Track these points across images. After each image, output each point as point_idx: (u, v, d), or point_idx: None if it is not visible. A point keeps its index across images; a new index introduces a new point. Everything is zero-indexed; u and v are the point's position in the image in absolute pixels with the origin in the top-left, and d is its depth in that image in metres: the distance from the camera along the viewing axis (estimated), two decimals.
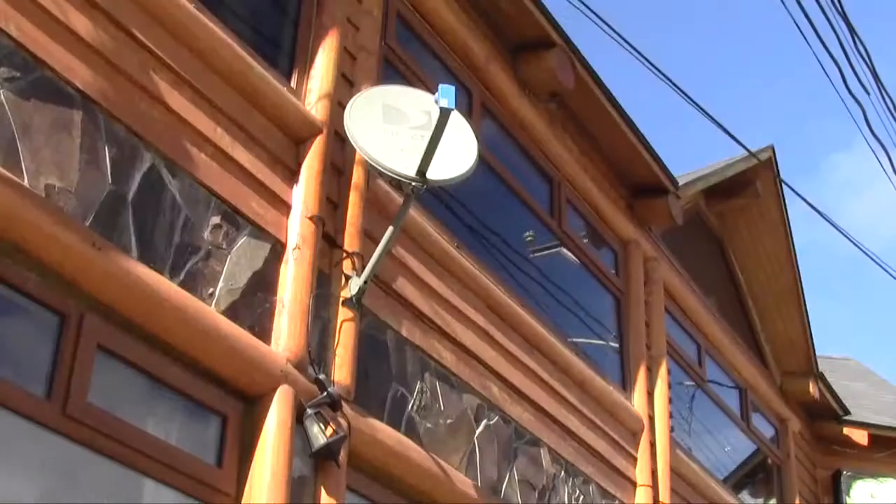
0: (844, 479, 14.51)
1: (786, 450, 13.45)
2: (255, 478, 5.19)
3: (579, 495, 8.21)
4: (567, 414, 8.28)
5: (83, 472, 4.66)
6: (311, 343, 5.69)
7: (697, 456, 10.93)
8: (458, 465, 6.81)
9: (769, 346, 13.66)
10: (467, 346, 7.17)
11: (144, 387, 4.96)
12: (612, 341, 9.69)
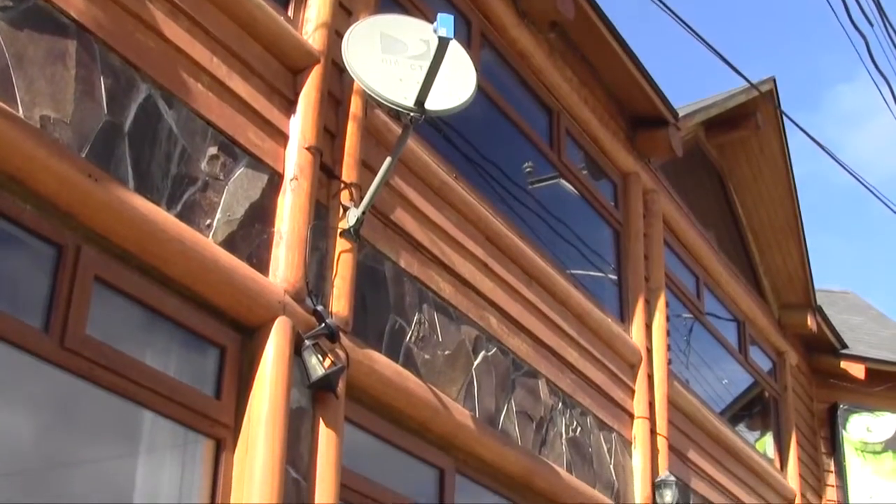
0: (841, 412, 14.59)
1: (783, 383, 13.51)
2: (254, 409, 5.21)
3: (577, 427, 8.25)
4: (565, 346, 8.30)
5: (81, 404, 4.67)
6: (308, 274, 5.68)
7: (695, 388, 10.97)
8: (456, 397, 6.83)
9: (768, 279, 13.68)
10: (465, 278, 7.17)
11: (142, 318, 4.96)
12: (610, 273, 9.69)
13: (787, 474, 12.94)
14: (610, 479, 8.60)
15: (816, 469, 14.27)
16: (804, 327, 13.73)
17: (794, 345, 14.00)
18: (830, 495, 14.33)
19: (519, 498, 7.51)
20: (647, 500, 8.96)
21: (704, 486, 10.53)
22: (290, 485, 5.28)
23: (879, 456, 14.62)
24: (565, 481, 7.77)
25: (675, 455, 9.86)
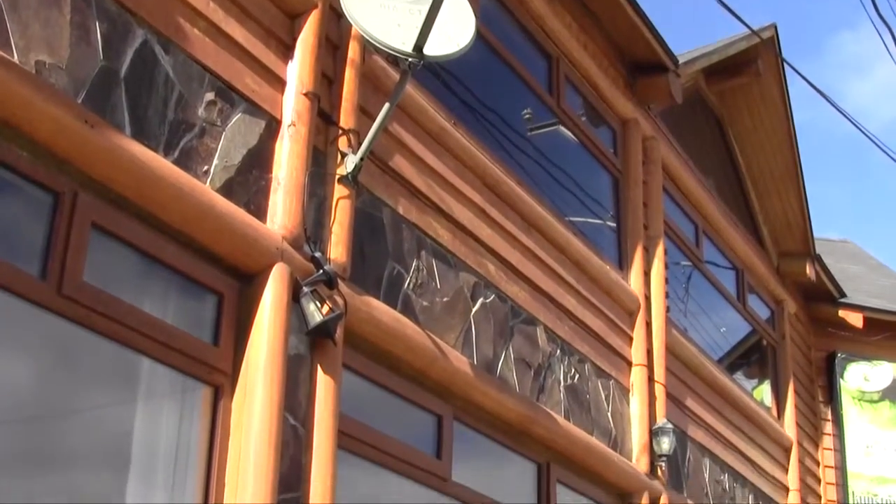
0: (839, 361, 14.63)
1: (781, 331, 13.53)
2: (252, 356, 5.21)
3: (575, 374, 8.27)
4: (563, 293, 8.30)
5: (79, 351, 4.67)
6: (306, 221, 5.66)
7: (693, 336, 10.99)
8: (454, 344, 6.84)
9: (767, 227, 13.66)
10: (464, 224, 7.15)
11: (140, 265, 4.94)
12: (609, 221, 9.67)
13: (785, 422, 12.99)
14: (607, 426, 8.63)
15: (814, 417, 14.33)
16: (803, 276, 13.74)
17: (793, 293, 14.01)
18: (827, 443, 14.40)
19: (517, 445, 7.54)
20: (645, 447, 9.00)
21: (702, 434, 10.57)
22: (288, 431, 5.29)
23: (876, 405, 14.67)
24: (563, 428, 7.80)
25: (673, 403, 9.89)
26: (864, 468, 14.30)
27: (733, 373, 12.33)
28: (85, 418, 4.73)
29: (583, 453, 8.06)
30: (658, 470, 9.16)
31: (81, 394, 4.71)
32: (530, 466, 7.75)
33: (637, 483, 8.76)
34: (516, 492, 7.58)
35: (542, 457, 7.78)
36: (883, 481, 14.32)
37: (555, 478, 7.86)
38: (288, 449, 5.28)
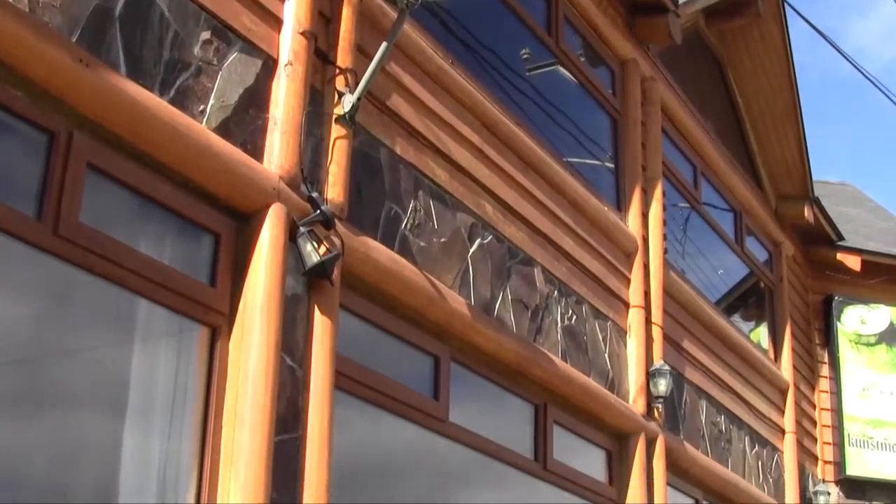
0: (836, 304, 14.64)
1: (779, 273, 13.53)
2: (249, 296, 5.20)
3: (572, 315, 8.27)
4: (561, 234, 8.28)
5: (76, 292, 4.66)
6: (303, 161, 5.63)
7: (690, 278, 10.99)
8: (452, 284, 6.83)
9: (765, 169, 13.63)
10: (461, 165, 7.12)
11: (136, 206, 4.92)
12: (607, 162, 9.64)
13: (781, 365, 13.02)
14: (604, 367, 8.65)
15: (810, 360, 14.37)
16: (801, 218, 13.72)
17: (791, 236, 14.00)
18: (823, 386, 14.45)
19: (514, 386, 7.56)
20: (642, 388, 9.03)
21: (699, 376, 10.60)
22: (285, 372, 5.29)
23: (873, 348, 14.71)
24: (560, 369, 7.82)
25: (670, 344, 9.91)
26: (859, 411, 14.36)
27: (731, 315, 12.35)
28: (82, 360, 4.72)
29: (580, 394, 8.09)
30: (655, 411, 9.19)
31: (78, 335, 4.70)
32: (527, 407, 7.78)
33: (634, 424, 8.79)
34: (513, 433, 7.61)
35: (539, 398, 7.81)
36: (879, 424, 14.38)
37: (552, 419, 7.89)
38: (285, 390, 5.28)
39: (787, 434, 12.82)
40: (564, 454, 8.01)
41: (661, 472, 9.12)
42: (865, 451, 14.22)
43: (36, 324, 4.50)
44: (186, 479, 4.98)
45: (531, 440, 7.75)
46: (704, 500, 10.52)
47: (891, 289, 14.85)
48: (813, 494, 13.34)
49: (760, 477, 11.91)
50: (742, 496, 11.13)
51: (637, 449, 8.78)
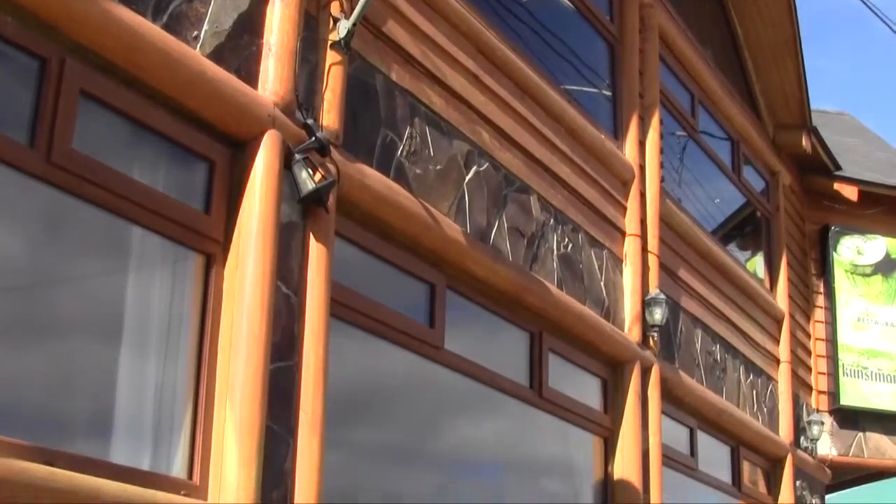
0: (832, 234, 14.64)
1: (775, 203, 13.51)
2: (244, 224, 5.18)
3: (568, 243, 8.26)
4: (558, 161, 8.25)
5: (70, 220, 4.64)
6: (298, 87, 5.58)
7: (687, 207, 10.97)
8: (448, 212, 6.81)
9: (763, 98, 13.55)
10: (457, 91, 7.07)
11: (129, 132, 4.88)
12: (604, 89, 9.57)
13: (777, 294, 13.05)
14: (600, 295, 8.65)
15: (806, 290, 14.39)
16: (798, 147, 13.68)
17: (788, 165, 13.96)
18: (819, 316, 14.48)
19: (509, 314, 7.56)
20: (637, 317, 9.04)
21: (694, 305, 10.62)
22: (280, 300, 5.29)
23: (869, 279, 14.73)
24: (556, 297, 7.82)
25: (666, 273, 9.92)
26: (854, 341, 14.41)
27: (727, 244, 12.35)
28: (76, 288, 4.72)
29: (575, 323, 8.10)
30: (650, 340, 9.21)
31: (72, 263, 4.69)
32: (523, 335, 7.79)
33: (629, 353, 8.82)
34: (509, 360, 7.63)
35: (534, 326, 7.82)
36: (873, 354, 14.44)
37: (547, 347, 7.91)
38: (280, 317, 5.28)
39: (782, 363, 12.87)
40: (560, 382, 8.04)
41: (656, 401, 9.17)
42: (859, 381, 14.29)
43: (30, 251, 4.49)
44: (182, 408, 5.00)
45: (526, 368, 7.78)
46: (699, 429, 10.57)
47: (887, 219, 14.85)
48: (807, 424, 13.42)
49: (755, 406, 11.97)
50: (736, 425, 11.20)
51: (632, 377, 8.81)
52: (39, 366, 4.49)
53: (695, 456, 10.48)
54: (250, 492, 4.87)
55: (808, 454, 13.44)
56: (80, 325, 4.70)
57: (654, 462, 9.00)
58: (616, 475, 8.63)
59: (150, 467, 4.82)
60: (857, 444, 14.30)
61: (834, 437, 14.17)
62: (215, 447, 4.94)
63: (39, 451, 4.16)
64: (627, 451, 8.66)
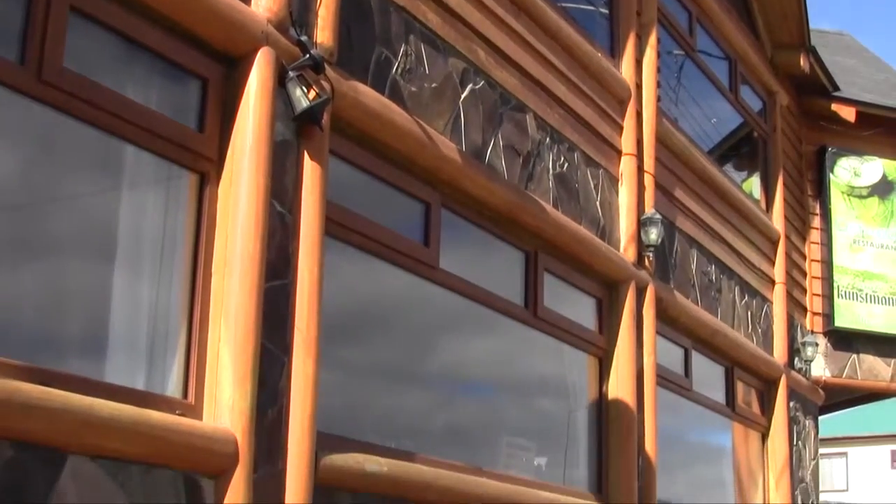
0: (829, 155, 14.58)
1: (772, 123, 13.45)
2: (237, 142, 5.14)
3: (564, 162, 8.22)
4: (554, 80, 8.18)
5: (62, 138, 4.60)
6: (292, 4, 5.50)
7: (683, 126, 10.91)
8: (443, 130, 6.76)
9: (762, 17, 13.41)
10: (452, 8, 6.98)
11: (121, 50, 4.83)
12: (601, 7, 9.47)
13: (773, 215, 13.02)
14: (596, 215, 8.63)
15: (802, 211, 14.37)
16: (796, 67, 13.58)
17: (786, 85, 13.88)
18: (814, 238, 14.47)
19: (504, 233, 7.55)
20: (633, 237, 9.02)
21: (690, 225, 10.60)
22: (274, 218, 5.27)
23: (865, 201, 14.70)
24: (551, 216, 7.79)
25: (662, 193, 9.89)
26: (849, 263, 14.42)
27: (723, 164, 12.31)
28: (69, 207, 4.70)
29: (571, 242, 8.08)
30: (645, 260, 9.21)
31: (65, 182, 4.67)
32: (518, 255, 7.78)
33: (624, 273, 8.81)
34: (504, 280, 7.63)
35: (529, 245, 7.80)
36: (868, 276, 14.45)
37: (542, 266, 7.90)
38: (274, 236, 5.26)
39: (777, 285, 12.88)
40: (554, 302, 8.04)
41: (651, 321, 9.18)
42: (854, 302, 14.32)
43: (21, 170, 4.45)
44: (176, 327, 5.00)
45: (521, 288, 7.78)
46: (693, 349, 10.61)
47: (885, 141, 14.79)
48: (801, 345, 13.47)
49: (749, 327, 12.01)
50: (731, 346, 11.23)
51: (627, 297, 8.81)
52: (33, 286, 4.48)
53: (689, 376, 10.52)
54: (245, 410, 4.88)
55: (802, 375, 13.50)
56: (73, 245, 4.69)
57: (649, 382, 9.03)
58: (610, 395, 8.66)
59: (145, 387, 4.83)
60: (850, 366, 14.37)
61: (828, 359, 14.23)
62: (210, 366, 4.95)
63: (33, 371, 4.15)
64: (622, 370, 8.69)
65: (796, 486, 13.04)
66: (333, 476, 5.48)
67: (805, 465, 13.61)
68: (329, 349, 5.63)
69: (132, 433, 4.40)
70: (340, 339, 6.07)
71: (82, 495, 4.21)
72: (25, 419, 3.97)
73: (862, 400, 16.02)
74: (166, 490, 4.60)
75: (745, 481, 12.24)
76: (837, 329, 14.21)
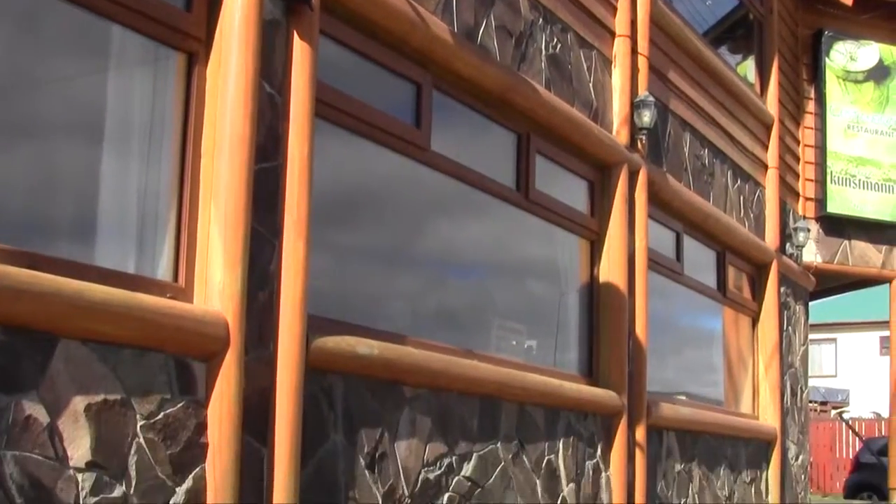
0: (826, 38, 14.42)
1: (768, 6, 13.29)
2: (226, 21, 5.06)
3: (557, 43, 8.11)
4: None
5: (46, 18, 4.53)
6: None
7: (678, 7, 10.76)
8: (434, 10, 6.66)
9: None
10: None
11: None
12: None
13: (767, 99, 12.94)
14: (589, 97, 8.55)
15: (796, 96, 14.27)
16: None
17: None
18: (808, 122, 14.38)
19: (496, 114, 7.49)
20: (626, 119, 8.95)
21: (683, 108, 10.52)
22: (264, 99, 5.21)
23: (860, 85, 14.60)
24: (543, 98, 7.72)
25: (655, 75, 9.79)
26: (843, 148, 14.36)
27: (718, 47, 12.18)
28: (56, 88, 4.64)
29: (563, 124, 8.02)
30: (638, 143, 9.15)
31: (51, 63, 4.61)
32: (510, 137, 7.73)
33: (617, 155, 8.76)
34: (496, 162, 7.58)
35: (521, 127, 7.74)
36: (861, 162, 14.41)
37: (534, 148, 7.85)
38: (264, 118, 5.21)
39: (770, 169, 12.84)
40: (546, 184, 8.01)
41: (643, 204, 9.16)
42: (847, 188, 14.29)
43: (7, 52, 4.39)
44: (166, 210, 4.97)
45: (513, 170, 7.74)
46: (685, 233, 10.60)
47: (882, 25, 14.64)
48: (793, 231, 13.48)
49: (741, 212, 12.00)
50: (722, 230, 11.23)
51: (619, 180, 8.77)
52: (20, 169, 4.44)
53: (680, 260, 10.53)
54: (236, 293, 4.88)
55: (793, 261, 13.53)
56: (61, 127, 4.64)
57: (640, 265, 9.03)
58: (602, 278, 8.67)
59: (135, 270, 4.83)
60: (842, 252, 14.40)
61: (819, 245, 14.25)
62: (200, 249, 4.94)
63: (22, 254, 4.13)
64: (613, 254, 8.69)
65: (785, 372, 13.15)
66: (324, 359, 5.49)
67: (794, 350, 13.71)
68: (320, 232, 5.61)
69: (123, 317, 4.40)
70: (331, 222, 6.05)
71: (74, 379, 4.21)
72: (15, 303, 3.95)
73: (852, 286, 16.07)
74: (158, 373, 4.61)
75: (735, 366, 12.34)
76: (829, 215, 14.20)
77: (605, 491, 8.29)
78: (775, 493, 12.24)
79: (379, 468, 5.89)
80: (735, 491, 11.13)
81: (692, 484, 10.05)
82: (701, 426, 10.31)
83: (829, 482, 26.38)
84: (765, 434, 12.18)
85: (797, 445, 13.58)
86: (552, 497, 7.56)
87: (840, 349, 44.54)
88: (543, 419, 7.53)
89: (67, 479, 4.15)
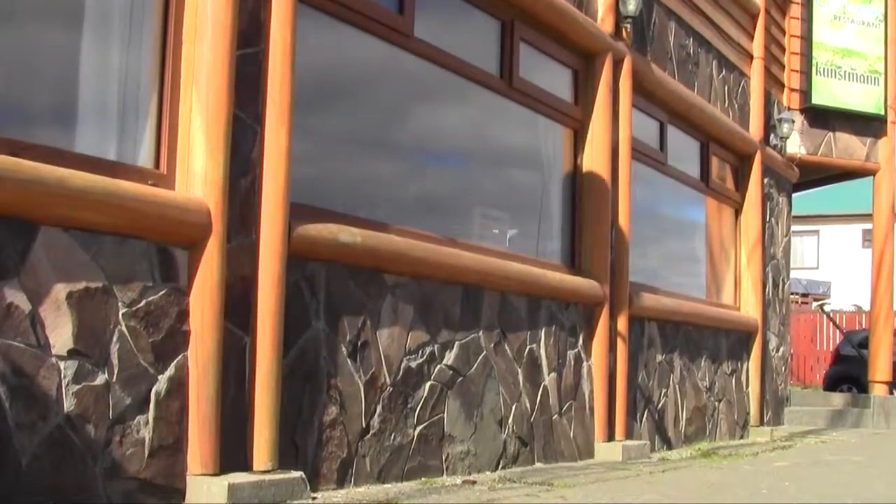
0: None
1: None
2: None
3: None
4: None
5: None
6: None
7: None
8: None
9: None
10: None
11: None
12: None
13: None
14: None
15: None
16: None
17: None
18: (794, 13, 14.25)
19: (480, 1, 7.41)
20: (611, 8, 8.86)
21: None
22: None
23: None
24: None
25: None
26: (829, 39, 14.25)
27: None
28: None
29: (547, 11, 7.93)
30: (623, 31, 9.06)
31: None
32: (494, 23, 7.65)
33: (601, 44, 8.68)
34: (479, 49, 7.51)
35: (506, 14, 7.66)
36: (847, 53, 14.31)
37: (518, 36, 7.77)
38: (246, 2, 5.14)
39: (755, 60, 12.75)
40: (530, 72, 7.95)
41: (627, 93, 9.09)
42: (832, 80, 14.23)
43: None
44: (147, 96, 4.93)
45: (497, 57, 7.67)
46: (669, 123, 10.56)
47: None
48: (777, 122, 13.43)
49: (726, 102, 11.94)
50: (706, 120, 11.18)
51: (604, 69, 8.71)
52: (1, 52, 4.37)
53: (664, 150, 10.51)
54: (218, 180, 4.86)
55: (777, 152, 13.51)
56: (38, 11, 4.56)
57: (624, 155, 9.00)
58: (585, 167, 8.65)
59: (117, 157, 4.79)
60: (826, 144, 14.38)
61: (803, 136, 14.22)
62: (182, 136, 4.91)
63: (3, 142, 4.10)
64: (597, 143, 8.66)
65: (768, 263, 13.21)
66: (307, 246, 5.49)
67: (777, 241, 13.76)
68: (302, 119, 5.57)
69: (104, 204, 4.39)
70: (314, 108, 6.00)
71: (55, 266, 4.20)
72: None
73: (836, 178, 16.07)
74: (140, 261, 4.60)
75: (717, 256, 12.38)
76: (814, 106, 14.15)
77: (587, 380, 8.36)
78: (756, 384, 12.37)
79: (361, 356, 5.92)
80: (716, 382, 11.24)
81: (673, 374, 10.14)
82: (682, 316, 10.37)
83: (809, 374, 26.63)
84: (746, 325, 12.27)
85: (778, 337, 13.70)
86: (533, 386, 7.62)
87: (822, 241, 44.70)
88: (525, 308, 7.56)
89: (50, 367, 4.16)
